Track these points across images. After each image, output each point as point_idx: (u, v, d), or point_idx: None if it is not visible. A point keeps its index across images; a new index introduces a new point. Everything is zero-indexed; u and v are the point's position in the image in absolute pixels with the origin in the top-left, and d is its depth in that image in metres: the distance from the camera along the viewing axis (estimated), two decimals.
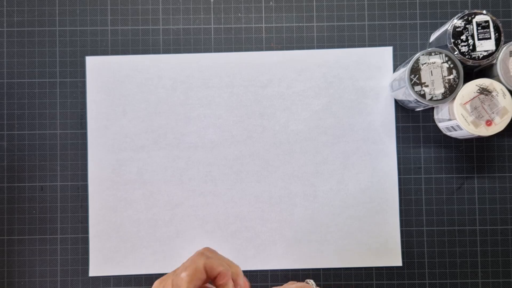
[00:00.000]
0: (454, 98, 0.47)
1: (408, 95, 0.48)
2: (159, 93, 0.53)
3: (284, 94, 0.53)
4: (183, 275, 0.34)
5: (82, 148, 0.53)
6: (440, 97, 0.46)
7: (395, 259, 0.52)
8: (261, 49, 0.54)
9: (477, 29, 0.46)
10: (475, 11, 0.46)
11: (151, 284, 0.52)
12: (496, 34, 0.46)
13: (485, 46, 0.46)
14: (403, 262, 0.52)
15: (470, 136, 0.48)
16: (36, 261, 0.53)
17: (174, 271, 0.36)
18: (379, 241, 0.52)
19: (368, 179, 0.53)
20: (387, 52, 0.53)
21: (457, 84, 0.46)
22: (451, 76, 0.46)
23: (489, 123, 0.46)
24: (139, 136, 0.53)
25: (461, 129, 0.47)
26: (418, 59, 0.46)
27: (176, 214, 0.53)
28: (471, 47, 0.46)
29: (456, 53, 0.46)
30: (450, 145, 0.53)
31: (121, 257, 0.52)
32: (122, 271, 0.52)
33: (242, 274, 0.36)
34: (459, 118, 0.46)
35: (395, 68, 0.53)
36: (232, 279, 0.35)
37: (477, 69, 0.50)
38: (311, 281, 0.43)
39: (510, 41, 0.47)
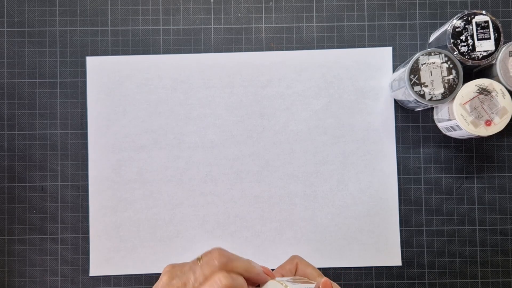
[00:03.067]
0: (453, 98, 0.47)
1: (407, 95, 0.48)
2: (159, 93, 0.53)
3: (284, 94, 0.53)
4: None
5: (83, 148, 0.53)
6: (439, 97, 0.46)
7: (395, 259, 0.52)
8: (261, 49, 0.54)
9: (477, 29, 0.46)
10: (475, 11, 0.47)
11: (151, 284, 0.52)
12: (496, 35, 0.46)
13: (485, 46, 0.46)
14: (402, 262, 0.53)
15: (470, 136, 0.48)
16: (36, 261, 0.53)
17: (190, 267, 0.32)
18: (379, 241, 0.52)
19: (368, 179, 0.53)
20: (386, 52, 0.54)
21: (456, 84, 0.46)
22: (451, 76, 0.46)
23: (488, 123, 0.46)
24: (139, 136, 0.53)
25: (460, 129, 0.47)
26: (417, 59, 0.46)
27: (176, 214, 0.53)
28: (470, 47, 0.46)
29: (455, 53, 0.47)
30: (450, 145, 0.53)
31: (121, 257, 0.52)
32: (122, 271, 0.52)
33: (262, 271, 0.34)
34: (459, 118, 0.46)
35: (394, 68, 0.53)
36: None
37: (476, 69, 0.50)
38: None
39: (510, 41, 0.47)
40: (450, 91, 0.46)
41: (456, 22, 0.47)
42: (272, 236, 0.52)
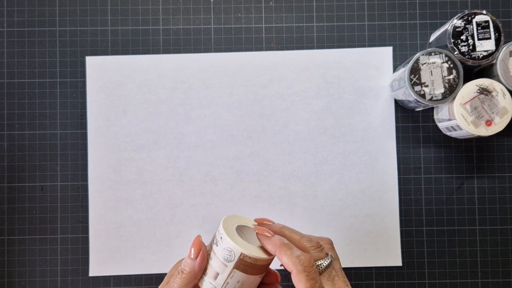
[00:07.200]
0: (454, 98, 0.47)
1: (408, 95, 0.48)
2: (159, 93, 0.53)
3: (284, 94, 0.53)
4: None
5: (82, 148, 0.53)
6: (440, 97, 0.46)
7: (395, 259, 0.52)
8: (261, 49, 0.54)
9: (477, 29, 0.46)
10: (475, 11, 0.46)
11: (151, 284, 0.52)
12: (496, 34, 0.46)
13: (485, 46, 0.46)
14: (403, 262, 0.53)
15: (470, 136, 0.48)
16: (36, 261, 0.53)
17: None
18: (379, 241, 0.52)
19: (368, 179, 0.53)
20: (387, 52, 0.53)
21: (457, 84, 0.46)
22: (451, 76, 0.46)
23: (489, 123, 0.46)
24: (139, 136, 0.53)
25: (461, 129, 0.47)
26: (418, 59, 0.46)
27: (176, 214, 0.53)
28: (471, 47, 0.46)
29: (456, 53, 0.46)
30: (450, 145, 0.53)
31: (121, 257, 0.52)
32: (122, 271, 0.52)
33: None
34: (459, 118, 0.46)
35: (395, 68, 0.53)
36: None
37: (477, 69, 0.50)
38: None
39: (510, 41, 0.47)
40: (450, 91, 0.46)
41: (457, 22, 0.47)
42: None
